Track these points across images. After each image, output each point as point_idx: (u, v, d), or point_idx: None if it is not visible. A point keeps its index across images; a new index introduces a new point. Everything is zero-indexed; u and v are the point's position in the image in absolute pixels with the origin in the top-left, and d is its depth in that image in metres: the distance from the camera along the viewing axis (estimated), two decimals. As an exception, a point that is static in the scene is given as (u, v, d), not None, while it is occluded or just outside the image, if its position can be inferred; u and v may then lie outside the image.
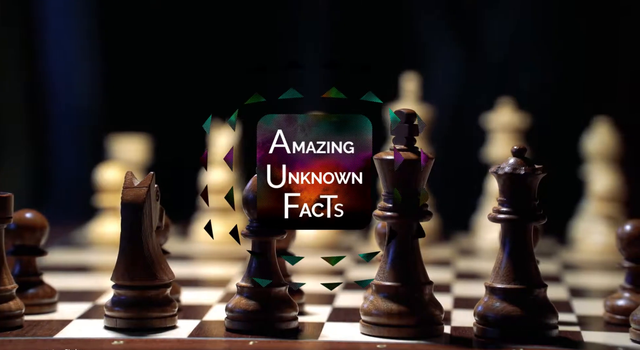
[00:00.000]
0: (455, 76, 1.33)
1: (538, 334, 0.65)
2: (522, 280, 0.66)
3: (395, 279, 0.67)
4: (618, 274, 0.90)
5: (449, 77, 1.34)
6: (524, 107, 1.18)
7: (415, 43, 1.35)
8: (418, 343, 0.64)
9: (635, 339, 0.65)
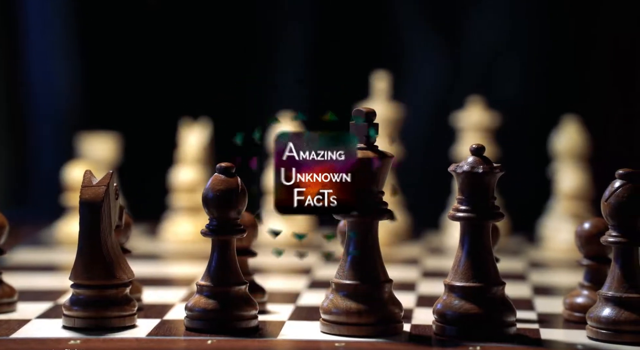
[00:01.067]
0: (433, 75, 1.34)
1: (496, 331, 0.65)
2: (480, 278, 0.66)
3: (355, 278, 0.67)
4: (582, 272, 0.90)
5: (426, 76, 1.34)
6: (494, 106, 1.19)
7: (394, 42, 1.35)
8: (377, 341, 0.64)
9: (591, 336, 0.66)
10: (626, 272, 0.65)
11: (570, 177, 1.11)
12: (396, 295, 0.71)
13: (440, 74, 1.34)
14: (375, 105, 1.23)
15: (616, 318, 0.64)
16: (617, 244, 0.65)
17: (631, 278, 0.65)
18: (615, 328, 0.64)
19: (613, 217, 0.65)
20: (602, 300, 0.65)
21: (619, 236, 0.65)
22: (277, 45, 1.35)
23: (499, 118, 1.17)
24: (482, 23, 1.33)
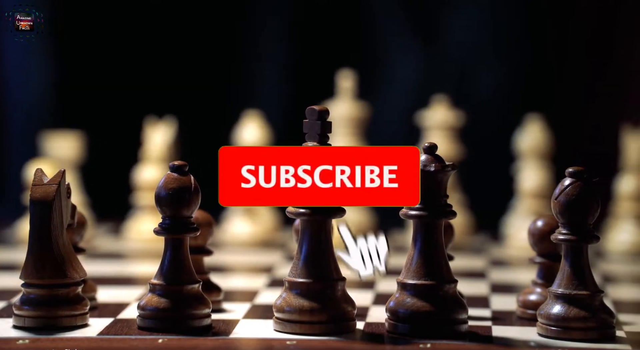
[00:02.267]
0: (408, 74, 1.34)
1: (447, 329, 0.66)
2: (432, 276, 0.66)
3: (307, 276, 0.67)
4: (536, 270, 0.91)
5: (401, 75, 1.34)
6: (460, 105, 1.20)
7: (370, 41, 1.35)
8: (328, 339, 0.65)
9: (542, 333, 0.66)
10: (575, 269, 0.66)
11: (533, 176, 1.12)
12: (354, 293, 0.71)
13: (415, 73, 1.34)
14: (340, 104, 1.24)
15: (565, 315, 0.65)
16: (566, 241, 0.66)
17: (580, 275, 0.65)
18: (565, 325, 0.65)
19: (563, 215, 0.66)
20: (552, 298, 0.66)
21: (568, 234, 0.66)
22: (253, 43, 1.35)
23: (464, 117, 1.18)
24: (454, 23, 1.33)
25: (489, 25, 1.34)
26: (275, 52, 1.36)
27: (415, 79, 1.34)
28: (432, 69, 1.34)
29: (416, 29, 1.34)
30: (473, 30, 1.33)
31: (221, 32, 1.36)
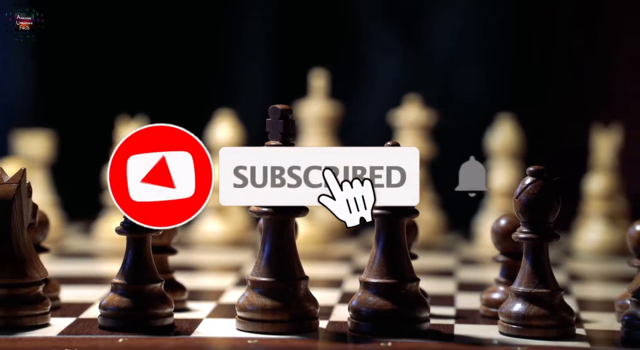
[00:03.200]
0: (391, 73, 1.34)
1: (409, 327, 0.66)
2: (394, 274, 0.67)
3: (270, 275, 0.67)
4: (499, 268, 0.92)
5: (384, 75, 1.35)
6: (430, 105, 1.20)
7: (353, 41, 1.36)
8: (290, 338, 0.65)
9: (503, 331, 0.66)
10: (536, 268, 0.66)
11: (504, 175, 1.12)
12: (321, 292, 0.71)
13: (395, 73, 1.34)
14: (313, 103, 1.24)
15: (526, 313, 0.65)
16: (527, 240, 0.66)
17: (541, 274, 0.66)
18: (525, 323, 0.65)
19: (524, 214, 0.66)
20: (512, 296, 0.66)
21: (529, 232, 0.66)
22: (229, 42, 1.35)
23: (436, 116, 1.18)
24: (436, 24, 1.34)
25: (468, 27, 1.34)
26: (251, 51, 1.36)
27: (395, 79, 1.35)
28: (412, 68, 1.35)
29: (398, 29, 1.35)
30: (453, 31, 1.34)
31: (195, 31, 1.35)
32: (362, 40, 1.35)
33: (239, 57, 1.36)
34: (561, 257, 1.03)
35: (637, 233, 0.70)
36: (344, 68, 1.33)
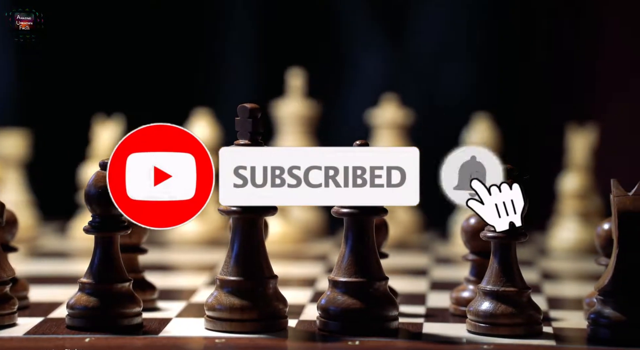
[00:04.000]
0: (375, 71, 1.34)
1: (377, 326, 0.66)
2: (362, 273, 0.67)
3: (238, 274, 0.67)
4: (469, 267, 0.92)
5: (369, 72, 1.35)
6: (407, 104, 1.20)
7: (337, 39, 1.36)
8: (257, 337, 0.65)
9: (471, 329, 0.67)
10: (504, 266, 0.66)
11: (480, 174, 1.13)
12: (294, 291, 0.71)
13: (377, 72, 1.35)
14: (290, 103, 1.24)
15: (493, 311, 0.65)
16: (495, 238, 0.66)
17: (508, 272, 0.66)
18: (493, 321, 0.65)
19: (491, 213, 0.66)
20: (480, 295, 0.67)
21: (496, 231, 0.66)
22: (214, 40, 1.35)
23: (413, 115, 1.18)
24: (419, 23, 1.34)
25: (451, 25, 1.35)
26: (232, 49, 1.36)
27: (377, 78, 1.35)
28: (394, 68, 1.35)
29: (381, 28, 1.35)
30: (436, 30, 1.34)
31: (174, 29, 1.35)
32: (345, 39, 1.35)
33: (218, 55, 1.36)
34: (535, 256, 1.03)
35: (605, 232, 0.70)
36: (327, 67, 1.33)
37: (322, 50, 1.36)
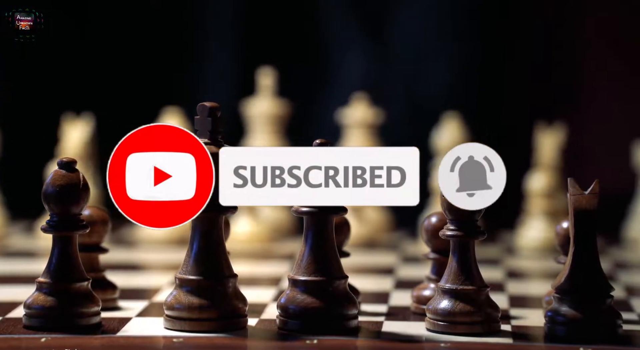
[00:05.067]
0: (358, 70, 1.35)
1: (336, 324, 0.66)
2: (322, 272, 0.67)
3: (198, 273, 0.67)
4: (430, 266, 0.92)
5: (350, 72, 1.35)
6: (378, 103, 1.20)
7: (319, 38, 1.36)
8: (215, 336, 0.65)
9: (429, 328, 0.67)
10: (462, 264, 0.66)
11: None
12: (259, 290, 0.71)
13: (363, 70, 1.35)
14: (261, 102, 1.24)
15: (451, 310, 0.66)
16: (453, 237, 0.67)
17: (467, 271, 0.66)
18: (451, 319, 0.66)
19: (450, 211, 0.66)
20: (439, 293, 0.67)
21: (455, 230, 0.67)
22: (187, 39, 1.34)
23: (383, 114, 1.18)
24: (399, 22, 1.34)
25: (429, 25, 1.35)
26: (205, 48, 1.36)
27: (356, 78, 1.35)
28: (372, 67, 1.35)
29: (359, 28, 1.35)
30: (412, 29, 1.35)
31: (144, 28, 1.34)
32: (326, 38, 1.35)
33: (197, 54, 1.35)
34: (502, 255, 1.04)
35: (564, 230, 0.71)
36: (307, 67, 1.33)
37: (303, 49, 1.36)
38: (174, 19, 1.35)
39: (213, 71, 1.36)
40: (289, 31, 1.36)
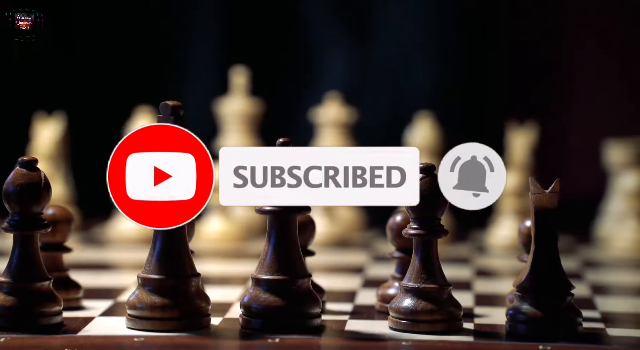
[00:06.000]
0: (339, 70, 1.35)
1: (299, 323, 0.66)
2: (285, 271, 0.67)
3: (160, 272, 0.67)
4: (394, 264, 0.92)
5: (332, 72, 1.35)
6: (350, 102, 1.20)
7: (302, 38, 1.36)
8: (177, 335, 0.64)
9: (392, 326, 0.67)
10: (425, 263, 0.67)
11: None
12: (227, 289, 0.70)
13: (345, 70, 1.35)
14: (234, 101, 1.23)
15: (414, 308, 0.66)
16: (416, 236, 0.67)
17: (429, 269, 0.66)
18: (413, 318, 0.66)
19: (413, 210, 0.67)
20: (402, 291, 0.67)
21: (418, 228, 0.67)
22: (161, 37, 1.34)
23: (356, 114, 1.18)
24: (382, 23, 1.34)
25: (408, 26, 1.35)
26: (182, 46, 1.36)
27: (338, 77, 1.35)
28: (356, 68, 1.35)
29: (344, 29, 1.35)
30: (393, 30, 1.35)
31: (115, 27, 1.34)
32: (308, 38, 1.35)
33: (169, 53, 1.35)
34: (473, 253, 1.04)
35: (526, 229, 0.71)
36: (289, 66, 1.33)
37: (284, 49, 1.36)
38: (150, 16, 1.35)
39: (191, 70, 1.36)
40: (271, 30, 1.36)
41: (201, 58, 1.36)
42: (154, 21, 1.35)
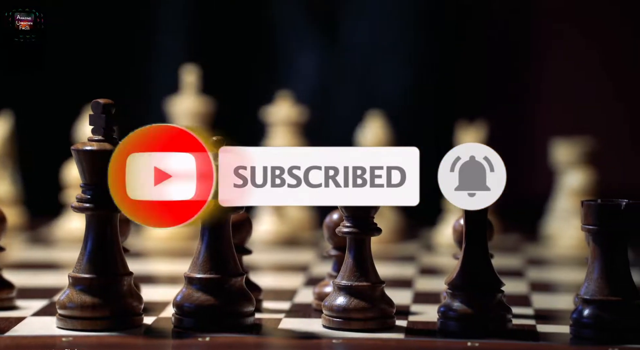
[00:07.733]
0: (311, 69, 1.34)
1: (232, 322, 0.66)
2: (218, 269, 0.66)
3: (91, 271, 0.66)
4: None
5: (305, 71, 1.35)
6: (302, 102, 1.20)
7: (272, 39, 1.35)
8: (107, 335, 0.64)
9: (325, 324, 0.67)
10: (357, 261, 0.67)
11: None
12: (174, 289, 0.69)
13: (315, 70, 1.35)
14: (185, 99, 1.23)
15: (346, 306, 0.66)
16: (349, 234, 0.67)
17: (362, 267, 0.66)
18: (346, 316, 0.66)
19: (346, 209, 0.67)
20: (335, 290, 0.67)
21: (351, 227, 0.67)
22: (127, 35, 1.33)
23: (307, 113, 1.18)
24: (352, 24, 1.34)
25: (375, 28, 1.36)
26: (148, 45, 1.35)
27: (308, 78, 1.35)
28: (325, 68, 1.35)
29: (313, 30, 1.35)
30: (359, 31, 1.35)
31: (69, 24, 1.33)
32: (277, 39, 1.35)
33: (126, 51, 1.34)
34: (419, 252, 1.04)
35: (460, 226, 0.71)
36: (258, 66, 1.33)
37: (251, 48, 1.35)
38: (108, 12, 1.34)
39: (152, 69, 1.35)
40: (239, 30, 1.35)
41: (163, 58, 1.35)
42: (112, 17, 1.34)
